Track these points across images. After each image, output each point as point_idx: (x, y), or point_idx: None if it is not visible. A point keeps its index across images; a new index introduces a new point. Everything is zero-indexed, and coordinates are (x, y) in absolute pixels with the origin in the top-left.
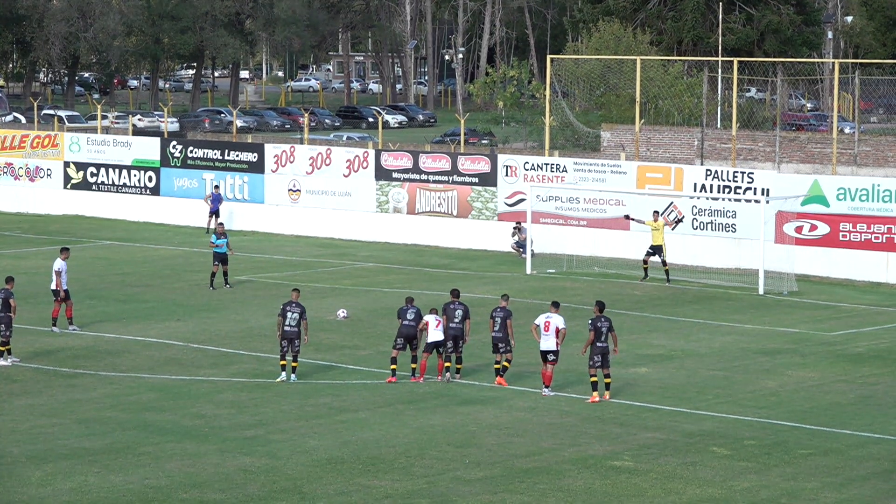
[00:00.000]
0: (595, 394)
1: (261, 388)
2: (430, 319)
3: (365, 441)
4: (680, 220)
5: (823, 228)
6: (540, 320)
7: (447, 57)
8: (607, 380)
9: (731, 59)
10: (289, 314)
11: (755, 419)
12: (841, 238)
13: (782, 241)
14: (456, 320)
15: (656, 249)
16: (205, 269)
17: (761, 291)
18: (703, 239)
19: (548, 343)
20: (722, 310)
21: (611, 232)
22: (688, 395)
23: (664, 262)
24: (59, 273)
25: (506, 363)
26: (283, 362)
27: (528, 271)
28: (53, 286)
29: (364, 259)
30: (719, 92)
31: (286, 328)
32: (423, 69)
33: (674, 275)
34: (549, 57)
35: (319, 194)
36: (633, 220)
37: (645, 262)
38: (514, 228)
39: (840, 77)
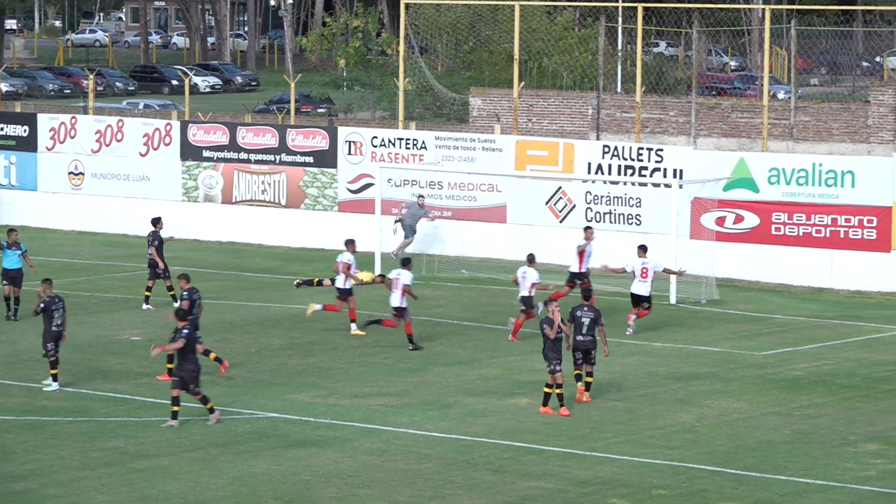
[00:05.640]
0: (580, 385)
1: (32, 429)
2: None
3: (168, 495)
4: (570, 211)
5: (752, 220)
6: (635, 266)
7: (273, 2)
8: (588, 378)
9: (635, 4)
10: (55, 315)
11: (666, 462)
12: (773, 232)
13: (699, 236)
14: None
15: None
16: None
17: (673, 300)
18: (598, 233)
19: (644, 287)
20: (623, 324)
21: (483, 225)
22: (580, 432)
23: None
24: (348, 265)
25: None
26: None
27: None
28: (341, 283)
29: (167, 261)
30: (620, 47)
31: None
32: (242, 18)
33: (562, 279)
34: (402, 2)
35: (109, 178)
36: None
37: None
38: (399, 220)
39: (772, 28)
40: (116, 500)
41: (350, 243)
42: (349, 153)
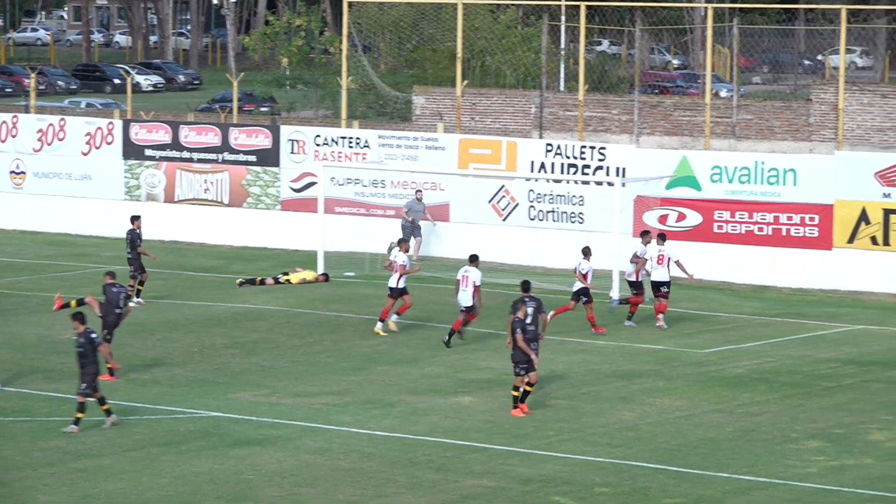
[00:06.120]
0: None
1: None
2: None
3: (110, 494)
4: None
5: (694, 218)
6: (651, 253)
7: (215, 1)
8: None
9: (578, 2)
10: None
11: (608, 460)
12: (716, 230)
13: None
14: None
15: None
16: None
17: (616, 298)
18: (541, 231)
19: (663, 273)
20: (566, 322)
21: (426, 224)
22: (524, 430)
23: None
24: (403, 266)
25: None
26: None
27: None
28: (394, 283)
29: (109, 261)
30: (563, 45)
31: None
32: (184, 16)
33: (505, 277)
34: (345, 0)
35: (51, 178)
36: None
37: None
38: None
39: (714, 26)
40: (58, 500)
41: (402, 242)
42: (292, 152)
